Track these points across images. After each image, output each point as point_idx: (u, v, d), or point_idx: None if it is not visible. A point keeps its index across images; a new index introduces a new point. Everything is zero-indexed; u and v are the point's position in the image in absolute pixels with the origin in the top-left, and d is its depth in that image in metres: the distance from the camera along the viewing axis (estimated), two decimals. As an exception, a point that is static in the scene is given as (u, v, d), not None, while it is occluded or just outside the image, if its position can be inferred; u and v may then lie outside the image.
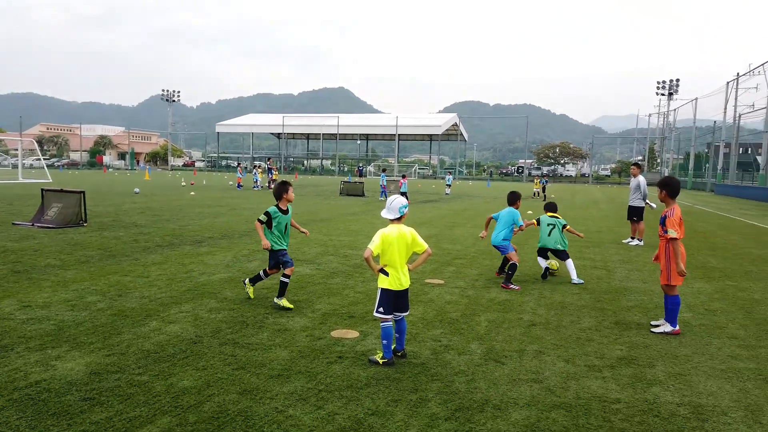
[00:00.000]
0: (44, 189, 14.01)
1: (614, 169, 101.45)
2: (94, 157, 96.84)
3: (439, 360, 4.82)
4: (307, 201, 24.37)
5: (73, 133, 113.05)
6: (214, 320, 5.77)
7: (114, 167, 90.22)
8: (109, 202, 19.88)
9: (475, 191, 40.48)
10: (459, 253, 10.84)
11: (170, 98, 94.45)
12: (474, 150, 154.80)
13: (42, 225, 12.57)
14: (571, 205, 27.30)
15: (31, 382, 4.04)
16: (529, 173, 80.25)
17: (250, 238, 11.86)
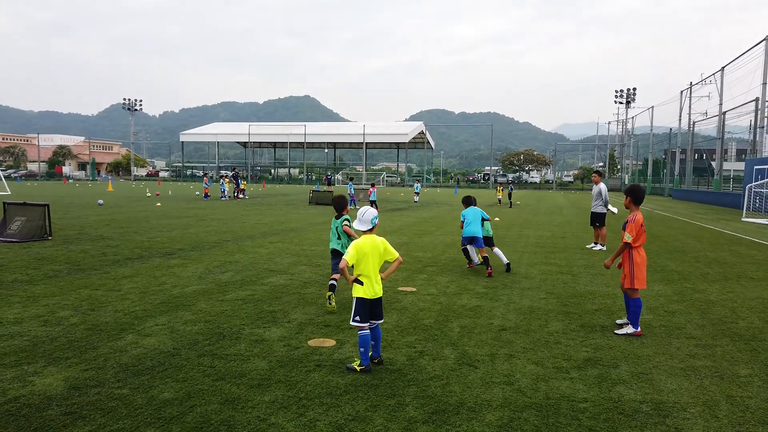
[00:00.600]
0: (6, 202, 13.66)
1: (576, 176, 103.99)
2: (53, 167, 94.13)
3: (414, 366, 4.98)
4: (276, 210, 24.30)
5: (30, 143, 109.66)
6: (191, 332, 5.80)
7: (74, 178, 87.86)
8: (72, 215, 19.45)
9: (443, 198, 40.98)
10: (430, 260, 11.05)
11: (132, 107, 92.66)
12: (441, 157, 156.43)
13: (5, 239, 12.25)
14: (536, 211, 27.95)
15: (10, 398, 4.03)
16: (495, 180, 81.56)
17: (221, 249, 11.83)
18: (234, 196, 34.52)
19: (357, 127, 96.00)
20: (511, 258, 11.56)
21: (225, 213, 22.10)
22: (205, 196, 33.52)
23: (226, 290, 7.87)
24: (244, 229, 16.00)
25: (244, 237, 14.18)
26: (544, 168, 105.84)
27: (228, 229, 15.91)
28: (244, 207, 26.12)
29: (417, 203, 33.07)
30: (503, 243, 14.12)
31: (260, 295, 7.63)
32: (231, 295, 7.59)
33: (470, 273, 9.71)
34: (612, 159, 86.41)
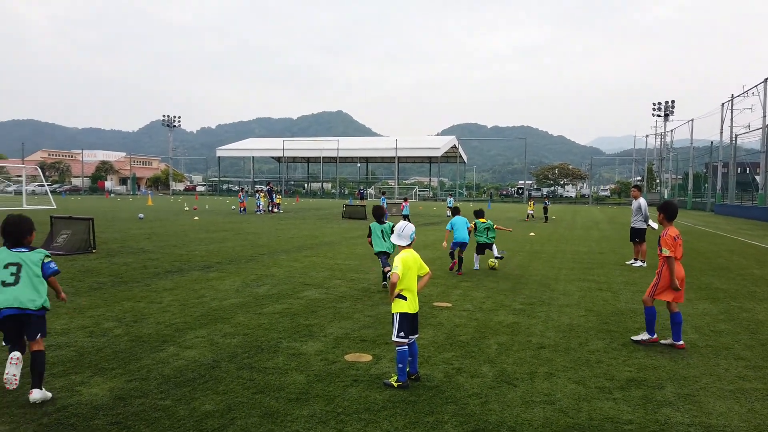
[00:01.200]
0: (53, 216, 14.18)
1: (614, 190, 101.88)
2: (95, 182, 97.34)
3: (452, 383, 4.93)
4: (310, 224, 24.53)
5: (75, 158, 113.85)
6: (230, 345, 5.89)
7: (116, 192, 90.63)
8: (115, 228, 20.04)
9: (476, 213, 40.67)
10: (465, 276, 10.96)
11: (171, 123, 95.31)
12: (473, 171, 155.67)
13: (52, 252, 12.71)
14: (572, 225, 27.47)
15: (59, 407, 4.16)
16: (529, 194, 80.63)
17: (257, 263, 12.00)
18: (269, 210, 35.01)
19: (389, 141, 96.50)
20: (548, 274, 11.40)
21: (260, 227, 22.44)
22: (241, 211, 34.09)
23: (263, 303, 7.97)
24: (279, 243, 16.20)
25: (279, 251, 14.35)
26: (579, 182, 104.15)
27: (263, 243, 16.14)
28: (279, 221, 26.46)
29: (449, 217, 32.91)
30: (539, 258, 13.93)
31: (296, 308, 7.70)
32: (268, 308, 7.68)
33: (506, 289, 9.59)
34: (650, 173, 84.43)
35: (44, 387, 4.38)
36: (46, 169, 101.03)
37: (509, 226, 26.66)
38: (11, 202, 41.66)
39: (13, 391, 4.42)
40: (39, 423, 3.88)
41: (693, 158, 65.52)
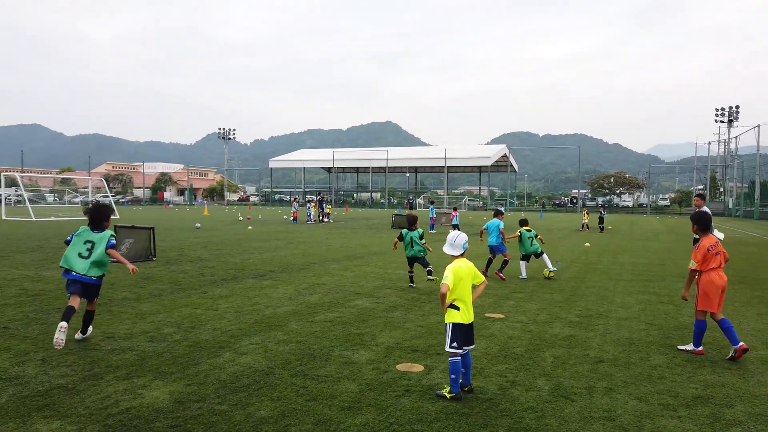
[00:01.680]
0: (117, 225, 14.84)
1: (674, 199, 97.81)
2: (155, 193, 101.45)
3: (506, 395, 4.83)
4: (360, 234, 24.70)
5: (136, 170, 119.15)
6: (283, 352, 5.97)
7: (174, 203, 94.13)
8: (173, 237, 20.80)
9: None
10: (517, 286, 10.75)
11: (226, 136, 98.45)
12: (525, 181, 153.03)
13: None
14: (630, 236, 26.53)
15: (122, 409, 4.32)
16: (584, 204, 78.45)
17: (309, 272, 12.16)
18: (320, 219, 35.50)
19: (438, 151, 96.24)
20: (606, 286, 11.04)
21: (311, 236, 22.77)
22: (293, 220, 34.72)
23: (315, 312, 8.06)
24: (330, 252, 16.38)
25: (330, 260, 14.50)
26: (636, 191, 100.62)
27: (315, 252, 16.35)
28: (329, 230, 26.78)
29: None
30: (595, 270, 13.51)
31: (347, 317, 7.74)
32: (320, 316, 7.76)
33: (561, 301, 9.34)
34: (714, 181, 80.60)
35: (109, 389, 4.57)
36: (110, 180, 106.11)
37: (563, 237, 26.01)
38: (79, 212, 43.95)
39: (81, 392, 4.64)
40: (104, 424, 4.04)
41: (760, 166, 62.13)
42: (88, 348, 5.93)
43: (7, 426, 3.97)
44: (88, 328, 6.30)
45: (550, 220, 45.31)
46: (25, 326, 6.84)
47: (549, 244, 20.80)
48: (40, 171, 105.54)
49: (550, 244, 21.20)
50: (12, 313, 7.53)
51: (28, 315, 7.45)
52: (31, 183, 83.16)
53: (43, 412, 4.22)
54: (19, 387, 4.74)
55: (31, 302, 8.30)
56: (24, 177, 54.32)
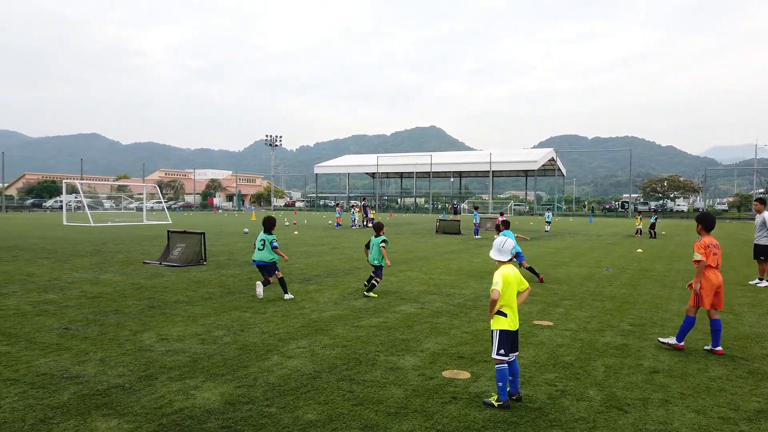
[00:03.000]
0: (170, 231, 15.35)
1: (732, 203, 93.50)
2: (205, 199, 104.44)
3: (556, 405, 4.71)
4: (404, 239, 24.69)
5: (188, 177, 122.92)
6: (330, 356, 6.02)
7: (223, 208, 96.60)
8: (222, 242, 21.34)
9: (577, 228, 38.96)
10: (566, 293, 10.50)
11: (272, 143, 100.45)
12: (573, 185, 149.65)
13: (168, 264, 13.76)
14: (684, 242, 25.51)
15: (176, 409, 4.45)
16: (635, 208, 76.00)
17: (353, 276, 12.24)
18: (364, 225, 35.70)
19: (483, 155, 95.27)
20: (660, 293, 10.65)
21: (356, 241, 22.90)
22: (337, 225, 35.05)
23: (360, 316, 8.09)
24: (375, 258, 16.42)
25: (375, 265, 14.54)
26: (691, 195, 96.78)
27: (359, 257, 16.44)
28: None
29: (548, 233, 31.80)
30: (648, 277, 13.05)
31: (392, 322, 7.74)
32: (365, 321, 7.79)
33: (613, 309, 9.06)
34: (775, 184, 76.62)
35: (163, 389, 4.72)
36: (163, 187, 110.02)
37: (614, 242, 25.27)
38: (134, 217, 45.71)
39: (137, 392, 4.81)
40: (159, 423, 4.17)
41: (828, 167, 58.66)
42: (143, 349, 6.15)
43: (69, 423, 4.15)
44: (286, 291, 9.45)
45: (600, 225, 44.10)
46: (84, 327, 7.15)
47: (599, 250, 20.25)
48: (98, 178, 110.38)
49: (600, 250, 20.65)
50: (73, 315, 7.89)
51: (87, 316, 7.79)
52: (90, 190, 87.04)
53: (102, 411, 4.39)
54: (79, 386, 4.95)
55: (90, 304, 8.68)
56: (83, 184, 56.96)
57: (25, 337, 6.62)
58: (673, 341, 6.56)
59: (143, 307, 8.46)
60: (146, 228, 31.21)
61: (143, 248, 18.35)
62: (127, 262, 14.21)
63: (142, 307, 8.52)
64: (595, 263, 15.76)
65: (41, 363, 5.59)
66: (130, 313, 8.07)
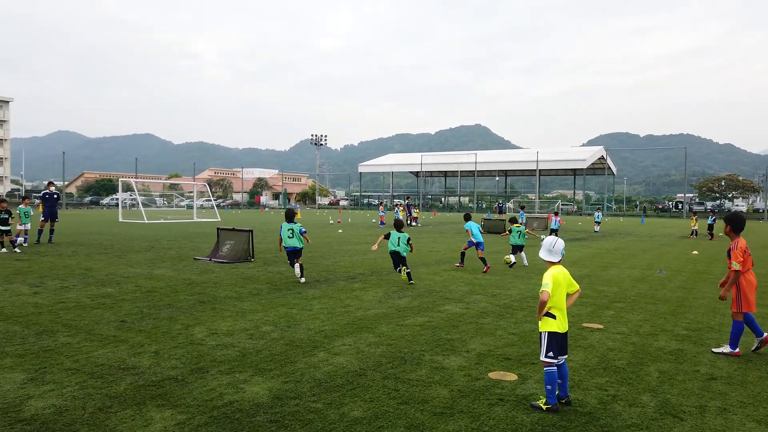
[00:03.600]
0: (219, 228, 15.76)
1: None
2: (253, 197, 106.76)
3: (607, 410, 4.58)
4: (449, 238, 24.54)
5: (236, 176, 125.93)
6: (375, 354, 6.05)
7: (269, 206, 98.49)
8: (270, 240, 21.74)
9: (628, 228, 37.79)
10: (617, 295, 10.20)
11: (318, 142, 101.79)
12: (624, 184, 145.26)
13: (218, 260, 14.13)
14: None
15: (226, 402, 4.56)
16: (690, 208, 73.09)
17: (397, 275, 12.24)
18: (407, 223, 35.68)
19: (529, 153, 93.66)
20: (717, 297, 10.19)
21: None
22: (381, 224, 35.16)
23: (405, 315, 8.09)
24: (419, 257, 16.40)
25: (418, 264, 14.52)
26: (751, 195, 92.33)
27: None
28: (417, 235, 26.84)
29: (597, 233, 30.97)
30: (705, 280, 12.53)
31: (437, 322, 7.71)
32: (410, 320, 7.78)
33: (667, 312, 8.75)
34: None
35: (213, 382, 4.86)
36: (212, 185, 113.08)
37: (668, 243, 24.40)
38: (184, 215, 47.16)
39: (189, 384, 4.96)
40: (210, 415, 4.28)
41: None
42: (195, 343, 6.33)
43: (126, 412, 4.32)
44: (302, 274, 11.11)
45: (653, 226, 42.64)
46: (140, 320, 7.43)
47: (651, 252, 19.59)
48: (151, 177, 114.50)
49: (653, 251, 19.97)
50: (128, 308, 8.20)
51: (142, 310, 8.09)
52: (144, 188, 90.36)
53: (156, 401, 4.55)
54: (135, 376, 5.15)
55: (144, 298, 9.01)
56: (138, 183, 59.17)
57: (84, 328, 6.93)
58: (728, 349, 6.32)
59: (194, 302, 8.72)
60: (196, 225, 32.16)
61: (194, 245, 18.91)
62: (178, 258, 14.67)
63: (193, 302, 8.78)
64: (648, 265, 15.25)
65: (100, 354, 5.84)
66: (181, 307, 8.33)
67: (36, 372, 5.22)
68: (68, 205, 72.17)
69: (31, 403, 4.46)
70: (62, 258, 14.33)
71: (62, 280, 10.76)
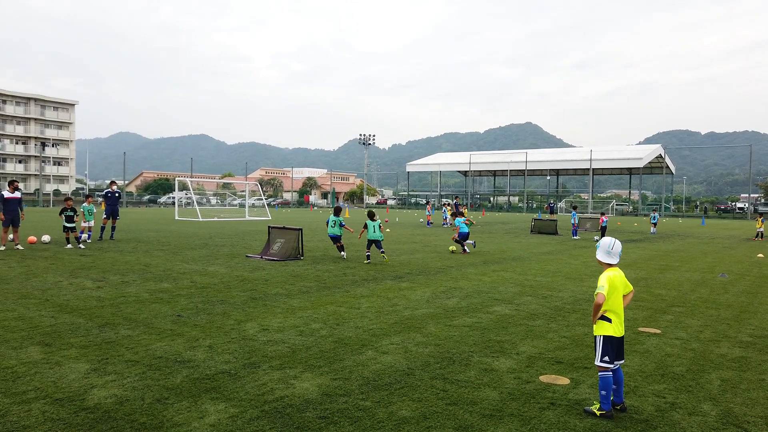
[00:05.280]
0: (270, 226, 16.09)
1: None
2: (302, 196, 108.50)
3: (665, 418, 4.40)
4: (498, 238, 24.20)
5: (286, 175, 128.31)
6: (422, 354, 6.03)
7: (318, 205, 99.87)
8: (318, 238, 22.04)
9: (687, 229, 36.23)
10: (675, 299, 9.79)
11: (366, 142, 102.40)
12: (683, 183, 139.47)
13: (268, 258, 14.44)
14: (815, 247, 22.91)
15: (277, 397, 4.65)
16: (755, 209, 69.39)
17: (445, 275, 12.18)
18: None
19: (582, 152, 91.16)
20: (785, 303, 9.65)
21: (448, 240, 22.77)
22: (428, 223, 35.03)
23: (453, 316, 8.03)
24: (467, 256, 16.25)
25: (466, 264, 14.39)
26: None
27: (451, 256, 16.34)
28: (466, 234, 26.56)
29: (654, 234, 29.84)
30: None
31: (486, 323, 7.61)
32: (458, 320, 7.72)
33: (729, 318, 8.34)
34: None
35: (265, 377, 4.97)
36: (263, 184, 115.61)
37: (730, 245, 23.27)
38: (237, 213, 48.41)
39: (241, 378, 5.08)
40: (261, 409, 4.38)
41: None
42: (247, 338, 6.49)
43: (182, 404, 4.47)
44: (342, 251, 15.05)
45: (714, 227, 40.73)
46: (195, 315, 7.67)
47: (712, 254, 18.72)
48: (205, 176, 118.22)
49: (714, 254, 19.08)
50: (184, 303, 8.49)
51: (197, 305, 8.35)
52: (199, 187, 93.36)
53: (211, 394, 4.69)
54: (190, 370, 5.32)
55: (199, 294, 9.30)
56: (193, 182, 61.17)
57: (143, 322, 7.21)
58: None
59: (246, 299, 8.94)
60: (248, 223, 32.94)
61: (245, 242, 19.38)
62: (231, 256, 15.07)
63: (245, 298, 8.99)
64: (709, 268, 14.57)
65: (157, 347, 6.07)
66: (234, 303, 8.55)
67: (99, 363, 5.47)
68: (128, 204, 75.34)
69: (94, 392, 4.68)
70: (123, 254, 14.97)
71: (123, 275, 11.24)
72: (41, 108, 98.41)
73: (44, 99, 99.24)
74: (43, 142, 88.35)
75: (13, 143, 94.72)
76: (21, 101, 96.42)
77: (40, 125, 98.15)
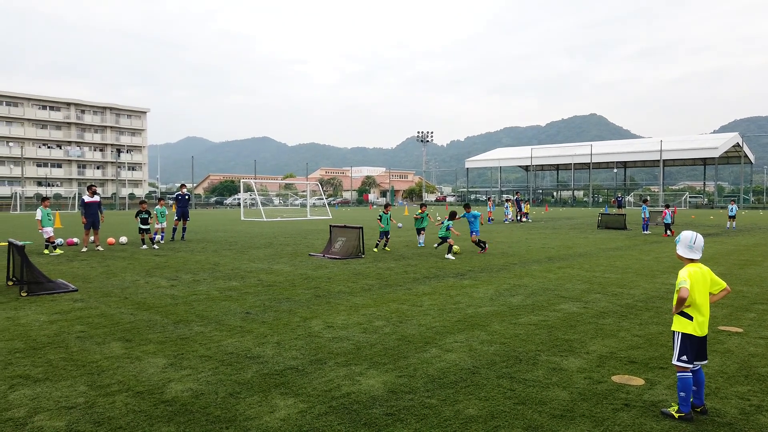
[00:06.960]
0: (332, 225, 16.34)
1: None
2: (361, 195, 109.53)
3: (750, 422, 4.14)
4: (562, 234, 23.53)
5: (345, 175, 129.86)
6: (488, 352, 5.95)
7: (377, 204, 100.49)
8: (378, 236, 22.15)
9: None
10: (758, 296, 9.20)
11: (424, 139, 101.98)
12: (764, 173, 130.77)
13: (331, 256, 14.67)
14: None
15: (344, 393, 4.72)
16: None
17: (508, 272, 11.96)
18: (517, 219, 34.74)
19: (651, 143, 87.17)
20: None
21: (509, 236, 22.37)
22: (489, 220, 34.52)
23: (518, 314, 7.88)
24: (530, 253, 15.90)
25: (530, 261, 14.08)
26: None
27: (514, 252, 16.04)
28: (528, 230, 26.02)
29: (733, 228, 28.13)
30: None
31: (553, 321, 7.42)
32: (523, 319, 7.56)
33: (821, 316, 7.74)
34: None
35: (331, 373, 5.07)
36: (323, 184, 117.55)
37: (818, 238, 21.59)
38: (298, 213, 49.47)
39: (308, 374, 5.19)
40: (329, 405, 4.45)
41: None
42: (313, 335, 6.62)
43: (253, 399, 4.61)
44: (387, 244, 16.67)
45: (799, 219, 37.92)
46: (262, 312, 7.90)
47: (799, 248, 17.42)
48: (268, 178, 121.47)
49: (801, 247, 17.74)
50: (252, 301, 8.76)
51: (264, 303, 8.60)
52: (262, 188, 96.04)
53: (280, 389, 4.81)
54: (260, 365, 5.48)
55: (266, 292, 9.57)
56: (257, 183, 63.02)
57: (214, 319, 7.50)
58: None
59: (311, 296, 9.12)
60: (310, 223, 33.59)
61: (308, 241, 19.78)
62: (294, 254, 15.42)
63: (310, 296, 9.18)
64: (796, 263, 13.58)
65: (228, 343, 6.29)
66: (299, 301, 8.75)
67: (175, 358, 5.74)
68: (197, 205, 78.55)
69: (172, 386, 4.91)
70: (193, 254, 15.62)
71: (194, 274, 11.72)
72: (116, 116, 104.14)
73: (119, 108, 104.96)
74: (118, 148, 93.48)
75: (91, 150, 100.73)
76: (98, 110, 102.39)
77: (115, 132, 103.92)
